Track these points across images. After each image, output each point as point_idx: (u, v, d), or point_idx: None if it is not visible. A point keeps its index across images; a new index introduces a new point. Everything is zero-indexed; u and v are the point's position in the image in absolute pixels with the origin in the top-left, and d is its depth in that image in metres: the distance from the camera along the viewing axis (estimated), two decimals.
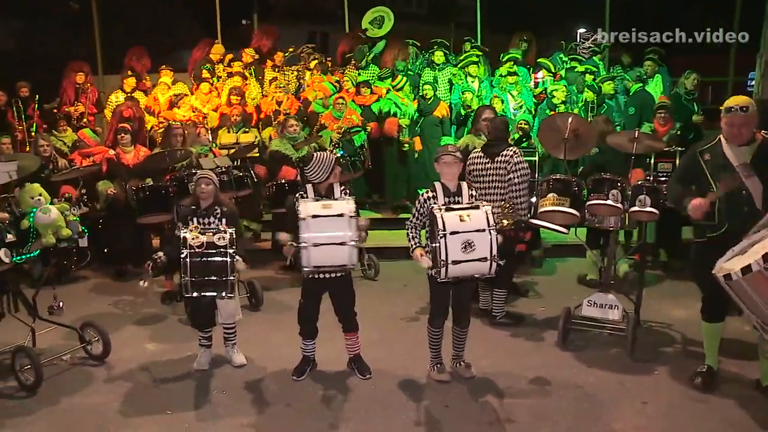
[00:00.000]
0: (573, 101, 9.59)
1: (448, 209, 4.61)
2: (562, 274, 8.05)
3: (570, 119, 5.99)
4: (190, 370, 5.43)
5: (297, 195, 4.96)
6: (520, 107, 9.59)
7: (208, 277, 4.93)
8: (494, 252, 4.52)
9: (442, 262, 4.48)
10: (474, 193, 4.97)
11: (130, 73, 10.60)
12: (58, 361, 5.57)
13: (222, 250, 4.93)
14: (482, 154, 6.09)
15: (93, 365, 5.58)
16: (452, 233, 4.48)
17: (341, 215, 4.67)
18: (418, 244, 4.86)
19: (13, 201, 5.45)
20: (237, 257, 5.00)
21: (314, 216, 4.66)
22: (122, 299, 7.38)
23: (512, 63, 10.08)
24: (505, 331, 6.14)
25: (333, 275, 5.00)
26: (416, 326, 6.18)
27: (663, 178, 6.84)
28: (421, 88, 9.92)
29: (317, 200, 4.84)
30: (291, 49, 11.58)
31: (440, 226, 4.48)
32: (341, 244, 4.64)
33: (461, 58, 10.52)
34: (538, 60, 10.78)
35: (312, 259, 4.66)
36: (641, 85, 9.84)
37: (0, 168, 5.27)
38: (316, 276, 4.99)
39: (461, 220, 4.53)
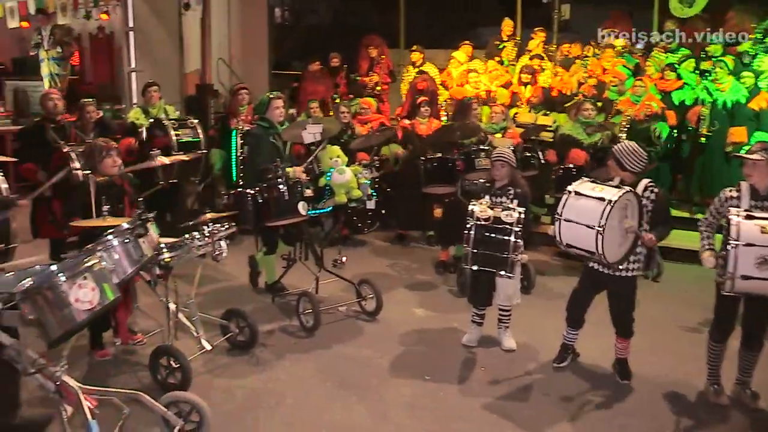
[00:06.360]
0: None
1: (748, 216, 4.10)
2: None
3: None
4: (452, 341, 5.53)
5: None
6: None
7: (490, 252, 4.92)
8: None
9: (729, 274, 4.03)
10: None
11: (416, 47, 10.93)
12: (335, 310, 6.04)
13: (507, 227, 4.87)
14: None
15: (364, 320, 5.96)
16: (746, 245, 3.99)
17: (602, 199, 4.36)
18: (709, 247, 4.42)
19: (314, 160, 5.98)
20: (520, 240, 4.89)
21: (577, 193, 4.50)
22: (398, 262, 7.75)
23: None
24: None
25: (610, 271, 4.71)
26: (693, 337, 5.60)
27: None
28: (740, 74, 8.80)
29: (595, 182, 4.63)
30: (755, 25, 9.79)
31: (733, 234, 4.03)
32: (587, 227, 4.34)
33: None
34: None
35: (561, 233, 4.53)
36: None
37: (308, 129, 5.83)
38: (594, 267, 4.80)
39: (762, 232, 4.00)
